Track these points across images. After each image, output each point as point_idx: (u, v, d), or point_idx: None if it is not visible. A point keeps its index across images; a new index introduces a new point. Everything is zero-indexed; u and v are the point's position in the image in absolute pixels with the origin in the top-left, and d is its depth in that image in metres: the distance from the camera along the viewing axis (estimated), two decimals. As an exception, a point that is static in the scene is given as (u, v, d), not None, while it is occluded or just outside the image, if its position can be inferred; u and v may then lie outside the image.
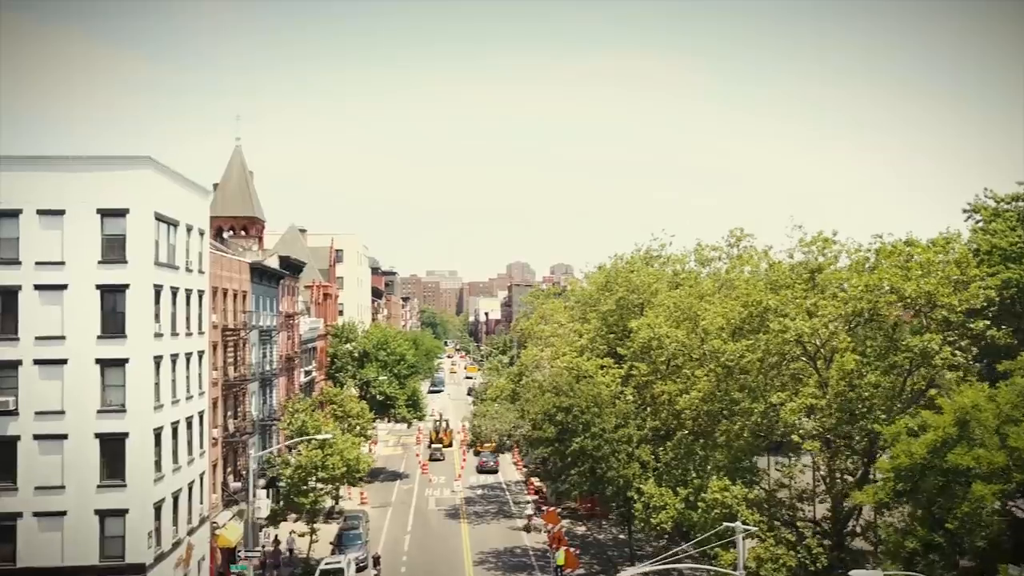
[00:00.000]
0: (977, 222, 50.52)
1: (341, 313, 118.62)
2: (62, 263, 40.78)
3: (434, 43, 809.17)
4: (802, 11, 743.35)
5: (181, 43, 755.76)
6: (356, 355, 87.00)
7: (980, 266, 42.90)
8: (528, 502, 75.63)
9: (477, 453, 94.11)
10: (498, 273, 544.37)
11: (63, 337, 40.63)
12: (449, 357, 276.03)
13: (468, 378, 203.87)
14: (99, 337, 40.93)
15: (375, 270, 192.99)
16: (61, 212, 40.82)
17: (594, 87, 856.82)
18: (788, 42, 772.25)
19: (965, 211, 51.67)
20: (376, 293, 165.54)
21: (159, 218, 43.11)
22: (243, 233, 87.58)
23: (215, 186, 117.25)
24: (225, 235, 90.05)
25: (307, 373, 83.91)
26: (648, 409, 62.36)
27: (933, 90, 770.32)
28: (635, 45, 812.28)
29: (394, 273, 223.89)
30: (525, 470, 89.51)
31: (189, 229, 47.74)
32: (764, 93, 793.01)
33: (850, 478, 43.94)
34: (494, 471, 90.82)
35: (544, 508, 70.16)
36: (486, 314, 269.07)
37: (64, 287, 40.75)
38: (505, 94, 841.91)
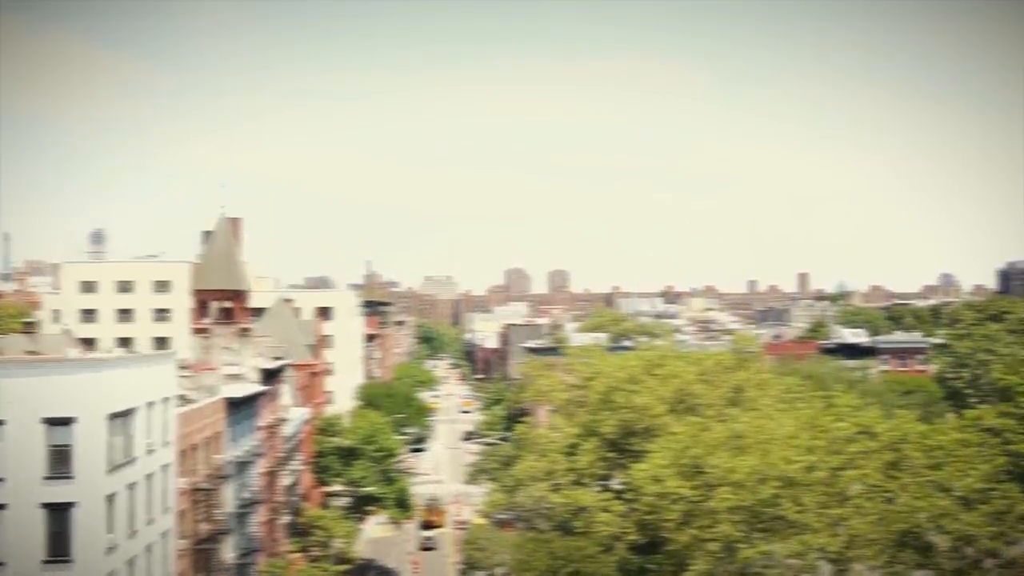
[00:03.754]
0: None
1: (329, 372, 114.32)
2: (1, 480, 36.56)
3: (434, 44, 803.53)
4: (802, 11, 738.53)
5: (180, 44, 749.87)
6: (343, 450, 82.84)
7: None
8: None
9: None
10: (496, 284, 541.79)
11: (1, 564, 36.44)
12: (444, 379, 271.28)
13: (464, 412, 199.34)
14: (44, 562, 36.73)
15: (369, 304, 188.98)
16: (1, 423, 36.60)
17: (593, 89, 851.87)
18: (788, 42, 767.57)
19: None
20: (370, 337, 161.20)
21: (114, 416, 38.91)
22: (227, 304, 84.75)
23: (205, 234, 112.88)
24: (209, 314, 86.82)
25: (292, 472, 79.79)
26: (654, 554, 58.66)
27: (933, 90, 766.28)
28: (634, 47, 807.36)
29: (390, 304, 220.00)
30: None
31: (151, 404, 43.54)
32: (764, 94, 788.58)
33: None
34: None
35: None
36: (483, 339, 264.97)
37: (3, 507, 36.54)
38: (504, 96, 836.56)
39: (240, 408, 62.06)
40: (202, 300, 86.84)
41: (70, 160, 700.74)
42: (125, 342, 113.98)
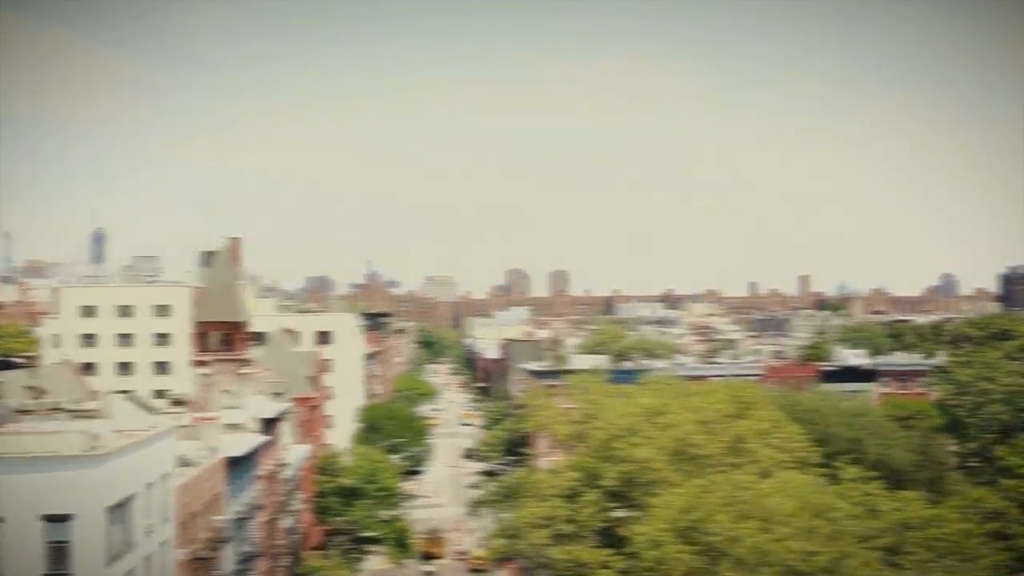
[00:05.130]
0: None
1: (329, 397, 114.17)
2: (0, 577, 36.48)
3: (434, 44, 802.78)
4: (803, 11, 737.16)
5: (181, 43, 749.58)
6: (344, 490, 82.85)
7: None
8: None
9: None
10: (496, 284, 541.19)
11: (1, 662, 36.36)
12: (444, 385, 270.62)
13: (465, 424, 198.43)
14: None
15: (370, 316, 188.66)
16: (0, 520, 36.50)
17: (593, 89, 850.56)
18: (789, 42, 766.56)
19: None
20: (371, 355, 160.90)
21: (114, 507, 38.80)
22: (228, 336, 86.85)
23: (205, 255, 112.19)
24: (209, 346, 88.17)
25: (291, 512, 79.73)
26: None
27: (933, 90, 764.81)
28: (635, 47, 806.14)
29: (390, 315, 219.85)
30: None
31: (150, 485, 43.42)
32: (765, 94, 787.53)
33: None
34: None
35: None
36: (483, 349, 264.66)
37: (1, 607, 36.47)
38: (504, 96, 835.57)
39: (240, 462, 61.89)
40: (202, 332, 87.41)
41: (70, 160, 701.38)
42: (125, 367, 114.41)
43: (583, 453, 75.87)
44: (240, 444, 62.06)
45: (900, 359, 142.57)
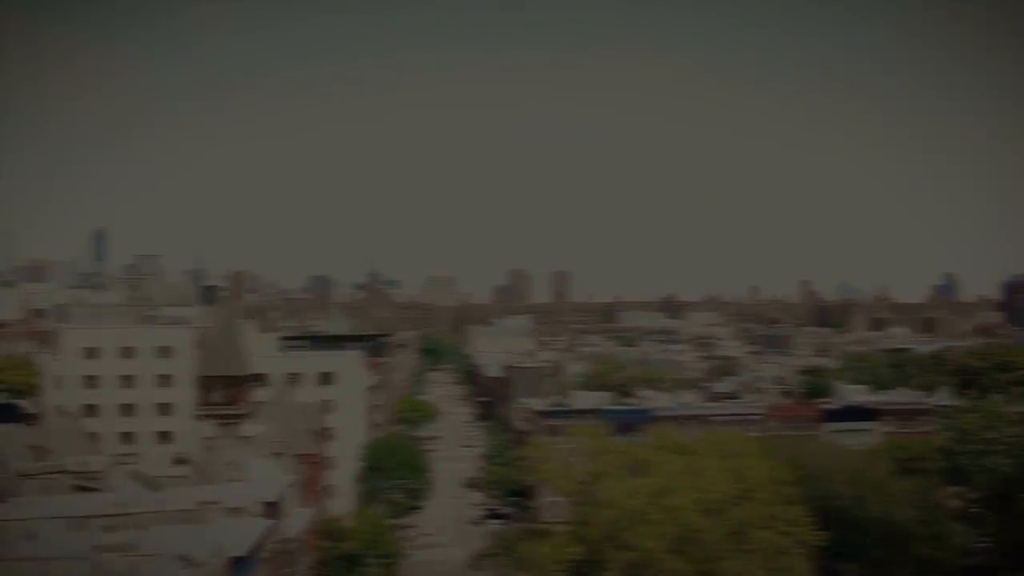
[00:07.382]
0: None
1: (331, 438, 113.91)
2: None
3: (435, 43, 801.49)
4: (806, 11, 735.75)
5: (182, 41, 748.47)
6: (346, 555, 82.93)
7: None
8: None
9: None
10: (498, 284, 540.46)
11: None
12: (445, 397, 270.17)
13: (466, 447, 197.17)
14: None
15: (369, 339, 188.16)
16: None
17: (593, 88, 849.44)
18: (791, 41, 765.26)
19: None
20: (373, 386, 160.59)
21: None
22: (230, 388, 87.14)
23: (207, 289, 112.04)
24: (212, 399, 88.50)
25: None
26: None
27: (935, 92, 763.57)
28: (635, 46, 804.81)
29: (389, 333, 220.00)
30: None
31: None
32: (765, 93, 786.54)
33: None
34: None
35: None
36: (485, 364, 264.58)
37: None
38: (503, 95, 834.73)
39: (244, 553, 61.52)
40: (205, 385, 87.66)
41: (71, 159, 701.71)
42: (127, 409, 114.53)
43: (584, 520, 76.00)
44: (245, 536, 61.76)
45: (902, 395, 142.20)
